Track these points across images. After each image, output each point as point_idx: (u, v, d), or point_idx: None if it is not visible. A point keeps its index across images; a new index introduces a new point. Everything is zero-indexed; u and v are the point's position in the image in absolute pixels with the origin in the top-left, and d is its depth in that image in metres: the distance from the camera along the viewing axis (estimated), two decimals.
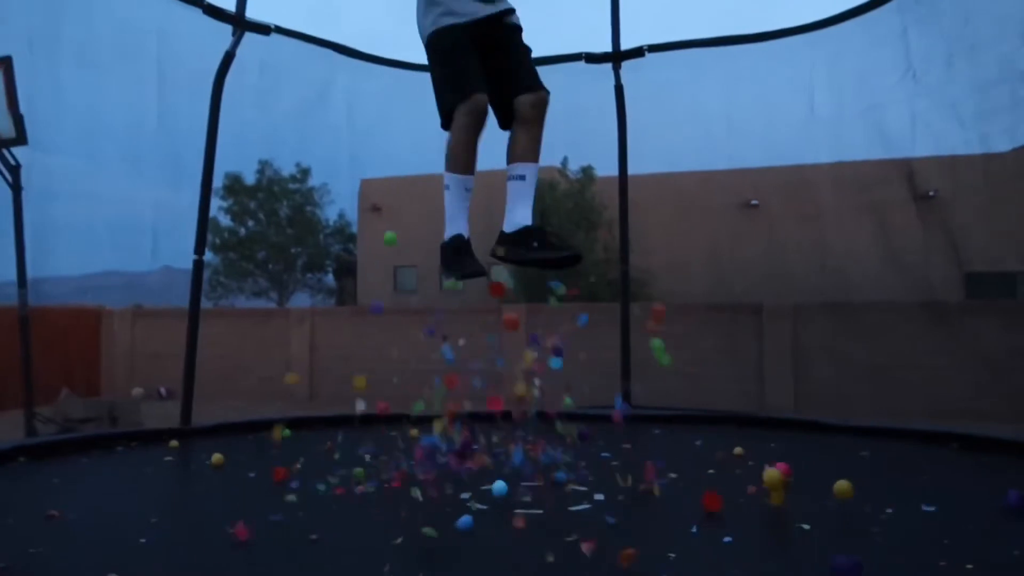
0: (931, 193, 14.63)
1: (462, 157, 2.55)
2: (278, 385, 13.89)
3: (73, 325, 13.55)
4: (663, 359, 2.74)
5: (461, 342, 2.77)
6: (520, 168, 2.62)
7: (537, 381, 3.25)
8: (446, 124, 2.62)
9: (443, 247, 2.71)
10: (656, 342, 2.83)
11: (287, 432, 3.28)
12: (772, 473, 2.45)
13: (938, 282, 12.24)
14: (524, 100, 2.57)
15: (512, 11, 2.69)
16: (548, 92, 2.63)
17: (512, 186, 2.64)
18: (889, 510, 2.48)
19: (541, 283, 18.79)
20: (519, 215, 2.61)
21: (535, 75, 2.65)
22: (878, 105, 3.66)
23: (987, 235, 13.32)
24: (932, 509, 2.47)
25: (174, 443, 3.99)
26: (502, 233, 2.63)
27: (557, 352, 3.04)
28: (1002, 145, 3.81)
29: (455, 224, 2.67)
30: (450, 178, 2.60)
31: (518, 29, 2.70)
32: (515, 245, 2.59)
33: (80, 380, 12.58)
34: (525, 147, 2.63)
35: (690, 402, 7.75)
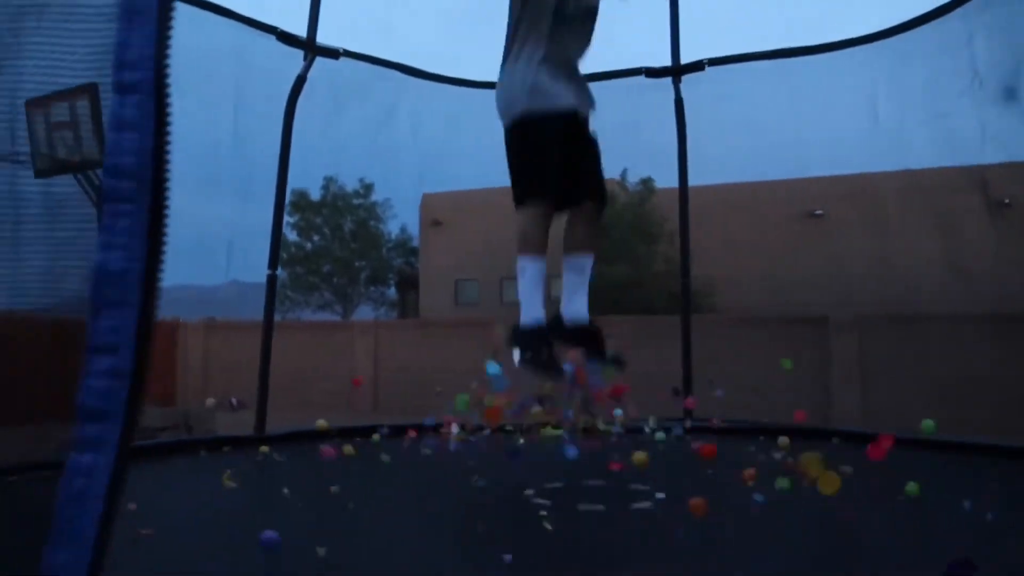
0: (1006, 201, 14.14)
1: (536, 240, 2.55)
2: (344, 396, 14.24)
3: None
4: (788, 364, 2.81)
5: (517, 355, 2.71)
6: (582, 259, 2.66)
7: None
8: (518, 203, 2.62)
9: (520, 332, 2.64)
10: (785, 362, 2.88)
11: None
12: (809, 457, 2.29)
13: (1013, 292, 11.79)
14: (591, 207, 2.64)
15: (593, 103, 2.71)
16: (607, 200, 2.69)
17: (571, 277, 2.66)
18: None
19: (599, 295, 18.77)
20: (578, 307, 2.64)
21: (602, 180, 2.70)
22: (945, 113, 3.61)
23: None
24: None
25: (264, 448, 4.15)
26: (560, 318, 2.63)
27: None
28: None
29: (532, 309, 2.61)
30: (524, 261, 2.57)
31: (588, 121, 2.71)
32: (574, 340, 2.60)
33: (156, 390, 13.11)
34: (586, 240, 2.68)
35: (754, 415, 7.65)
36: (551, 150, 2.53)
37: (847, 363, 11.49)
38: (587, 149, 2.70)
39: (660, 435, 3.97)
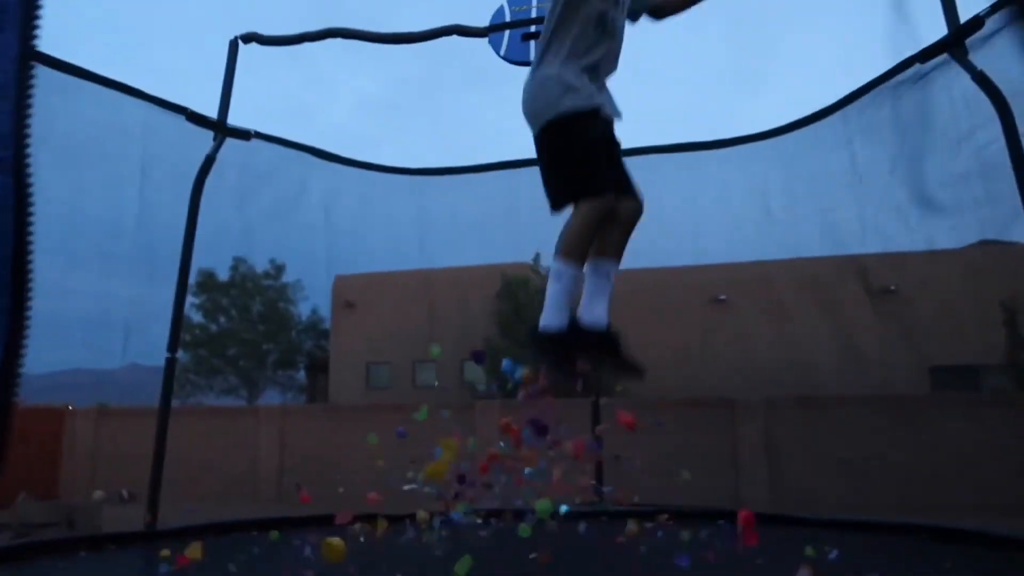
0: (891, 288, 15.12)
1: (581, 248, 2.45)
2: (245, 486, 13.54)
3: (35, 425, 13.20)
4: None
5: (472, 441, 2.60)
6: (609, 265, 2.58)
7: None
8: (558, 207, 2.55)
9: (544, 338, 2.53)
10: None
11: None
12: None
13: (903, 376, 12.47)
14: (629, 207, 2.57)
15: (620, 114, 2.70)
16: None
17: (597, 281, 2.58)
18: None
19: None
20: (599, 313, 2.55)
21: (632, 180, 2.66)
22: (829, 208, 3.88)
23: (949, 329, 13.70)
24: None
25: (165, 552, 3.86)
26: (578, 320, 2.54)
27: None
28: (949, 243, 4.02)
29: (558, 315, 2.52)
30: (564, 267, 2.45)
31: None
32: (591, 344, 2.54)
33: (40, 482, 12.15)
34: (620, 245, 2.61)
35: (663, 499, 7.70)
36: (600, 143, 2.50)
37: (754, 445, 11.78)
38: (615, 147, 2.67)
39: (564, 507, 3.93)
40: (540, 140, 2.59)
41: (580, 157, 2.48)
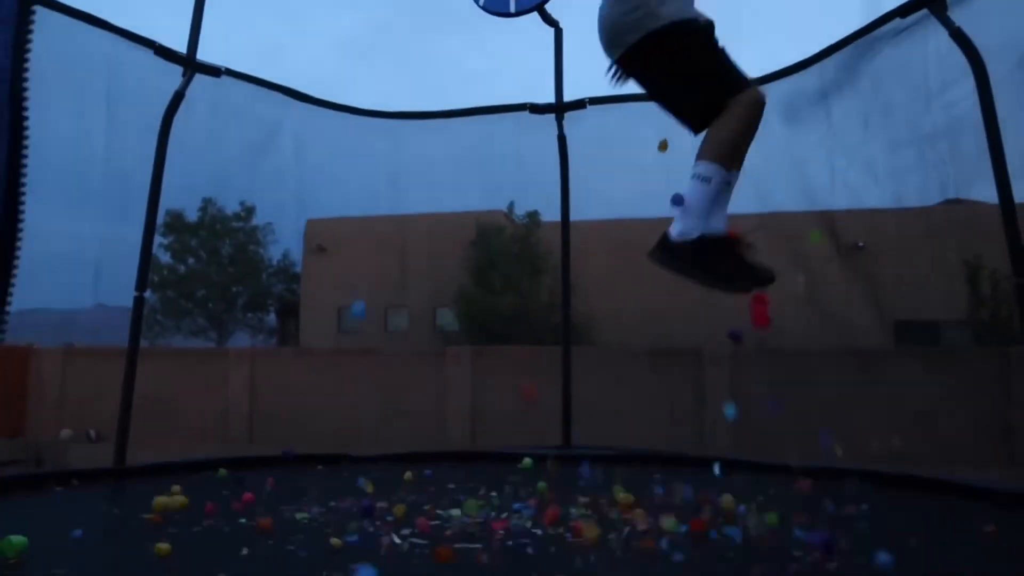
0: (860, 244, 15.34)
1: (742, 149, 2.22)
2: (215, 427, 13.58)
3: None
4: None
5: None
6: (699, 167, 2.27)
7: None
8: (704, 122, 2.31)
9: (697, 245, 2.24)
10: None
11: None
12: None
13: (867, 330, 12.75)
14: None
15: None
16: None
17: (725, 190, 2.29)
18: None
19: (485, 325, 18.88)
20: (720, 219, 2.26)
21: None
22: (801, 160, 3.91)
23: (911, 285, 14.00)
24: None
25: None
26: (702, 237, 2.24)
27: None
28: (915, 201, 4.08)
29: (716, 221, 2.23)
30: (716, 170, 2.18)
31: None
32: (723, 251, 2.29)
33: (5, 420, 12.07)
34: (712, 141, 2.30)
35: (631, 442, 7.88)
36: (722, 48, 2.30)
37: (718, 395, 12.04)
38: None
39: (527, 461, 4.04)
40: (644, 56, 2.33)
41: (717, 56, 2.28)
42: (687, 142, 2.55)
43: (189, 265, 24.64)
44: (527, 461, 3.94)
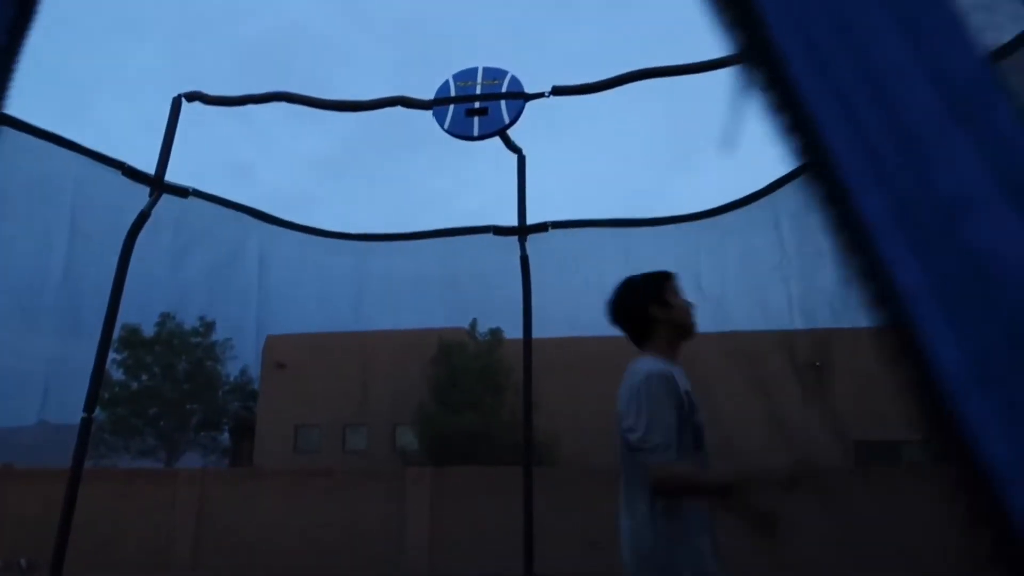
0: (817, 363, 15.63)
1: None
2: (159, 555, 12.83)
3: None
4: None
5: None
6: None
7: None
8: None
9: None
10: None
11: None
12: None
13: (827, 451, 12.77)
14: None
15: None
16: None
17: None
18: None
19: (445, 443, 18.50)
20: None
21: None
22: (759, 286, 4.02)
23: (872, 405, 14.20)
24: None
25: None
26: None
27: None
28: (870, 322, 4.19)
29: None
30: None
31: None
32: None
33: None
34: None
35: (594, 570, 7.62)
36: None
37: None
38: None
39: None
40: None
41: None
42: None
43: (142, 382, 23.97)
44: None
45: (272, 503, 12.94)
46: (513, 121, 4.77)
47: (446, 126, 4.79)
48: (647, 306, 2.39)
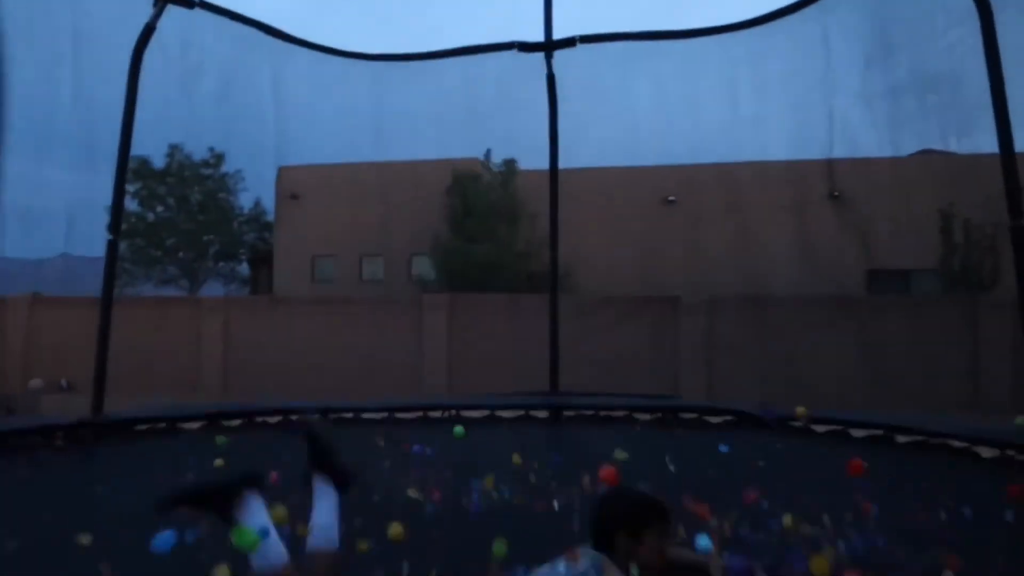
0: (835, 194, 15.40)
1: None
2: (188, 376, 13.42)
3: None
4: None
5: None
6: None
7: None
8: None
9: None
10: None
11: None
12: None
13: (843, 278, 12.87)
14: None
15: None
16: None
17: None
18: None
19: (461, 273, 18.78)
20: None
21: None
22: (800, 106, 3.82)
23: (887, 234, 14.13)
24: None
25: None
26: None
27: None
28: (909, 148, 4.03)
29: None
30: None
31: None
32: None
33: None
34: None
35: (610, 389, 7.92)
36: None
37: (695, 342, 12.14)
38: None
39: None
40: None
41: None
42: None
43: (158, 213, 24.05)
44: (458, 429, 3.89)
45: (293, 330, 13.33)
46: None
47: None
48: (616, 532, 2.21)
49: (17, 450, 3.61)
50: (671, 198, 18.95)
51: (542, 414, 4.82)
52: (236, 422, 4.40)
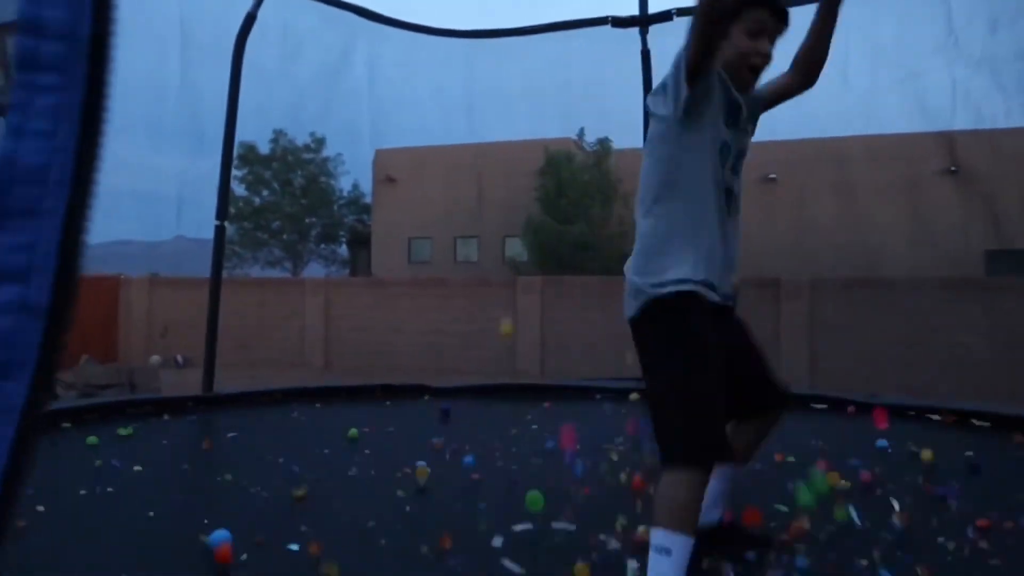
0: (953, 169, 14.47)
1: (694, 514, 1.77)
2: (293, 354, 13.99)
3: (92, 293, 13.64)
4: None
5: None
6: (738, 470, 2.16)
7: None
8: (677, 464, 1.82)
9: None
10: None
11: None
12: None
13: (960, 258, 12.07)
14: (774, 417, 2.11)
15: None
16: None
17: (721, 486, 2.12)
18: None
19: (554, 254, 18.74)
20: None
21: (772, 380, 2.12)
22: (917, 74, 3.56)
23: (1013, 212, 13.17)
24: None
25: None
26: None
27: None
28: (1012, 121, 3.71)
29: None
30: (673, 539, 1.73)
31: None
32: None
33: (98, 347, 12.69)
34: (753, 452, 2.17)
35: None
36: (710, 378, 1.85)
37: (796, 325, 11.70)
38: (742, 335, 2.12)
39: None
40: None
41: (686, 399, 1.83)
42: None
43: (263, 197, 25.08)
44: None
45: (391, 310, 13.66)
46: None
47: None
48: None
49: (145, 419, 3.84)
50: (772, 175, 18.27)
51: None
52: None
